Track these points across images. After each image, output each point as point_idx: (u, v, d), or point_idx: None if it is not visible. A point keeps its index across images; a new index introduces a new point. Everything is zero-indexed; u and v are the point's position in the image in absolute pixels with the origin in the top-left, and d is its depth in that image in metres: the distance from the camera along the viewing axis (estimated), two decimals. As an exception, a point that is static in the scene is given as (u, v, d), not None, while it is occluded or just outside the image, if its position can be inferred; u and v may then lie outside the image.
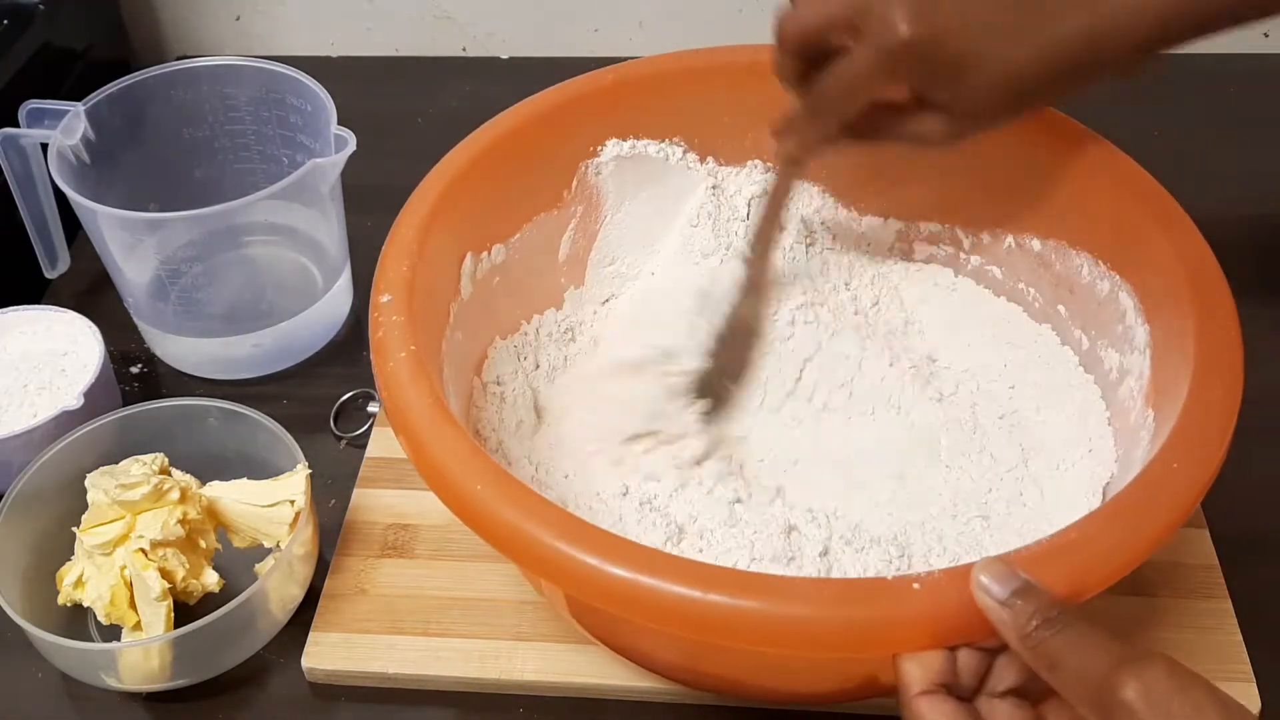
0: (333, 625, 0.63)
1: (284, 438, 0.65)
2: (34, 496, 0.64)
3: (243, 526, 0.64)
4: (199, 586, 0.63)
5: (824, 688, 0.57)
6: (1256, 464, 0.64)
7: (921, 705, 0.44)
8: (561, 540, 0.47)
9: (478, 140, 0.66)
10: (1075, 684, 0.41)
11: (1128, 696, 0.39)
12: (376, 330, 0.56)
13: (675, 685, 0.60)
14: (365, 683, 0.62)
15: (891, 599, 0.45)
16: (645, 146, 0.71)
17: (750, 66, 0.71)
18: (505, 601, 0.64)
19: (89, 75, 0.97)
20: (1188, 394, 0.52)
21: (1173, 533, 0.48)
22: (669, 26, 1.05)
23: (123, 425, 0.67)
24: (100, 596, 0.60)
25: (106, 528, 0.61)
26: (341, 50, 1.09)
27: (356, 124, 0.73)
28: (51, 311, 0.75)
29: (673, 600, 0.45)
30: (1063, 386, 0.66)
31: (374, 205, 0.78)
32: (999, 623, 0.43)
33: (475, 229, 0.66)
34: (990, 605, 0.43)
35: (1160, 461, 0.50)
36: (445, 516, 0.50)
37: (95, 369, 0.71)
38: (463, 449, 0.50)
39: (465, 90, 1.04)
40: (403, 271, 0.58)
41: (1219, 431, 0.51)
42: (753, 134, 0.73)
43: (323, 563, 0.67)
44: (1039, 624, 0.42)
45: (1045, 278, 0.69)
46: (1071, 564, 0.46)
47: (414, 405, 0.52)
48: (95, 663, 0.60)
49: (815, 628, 0.45)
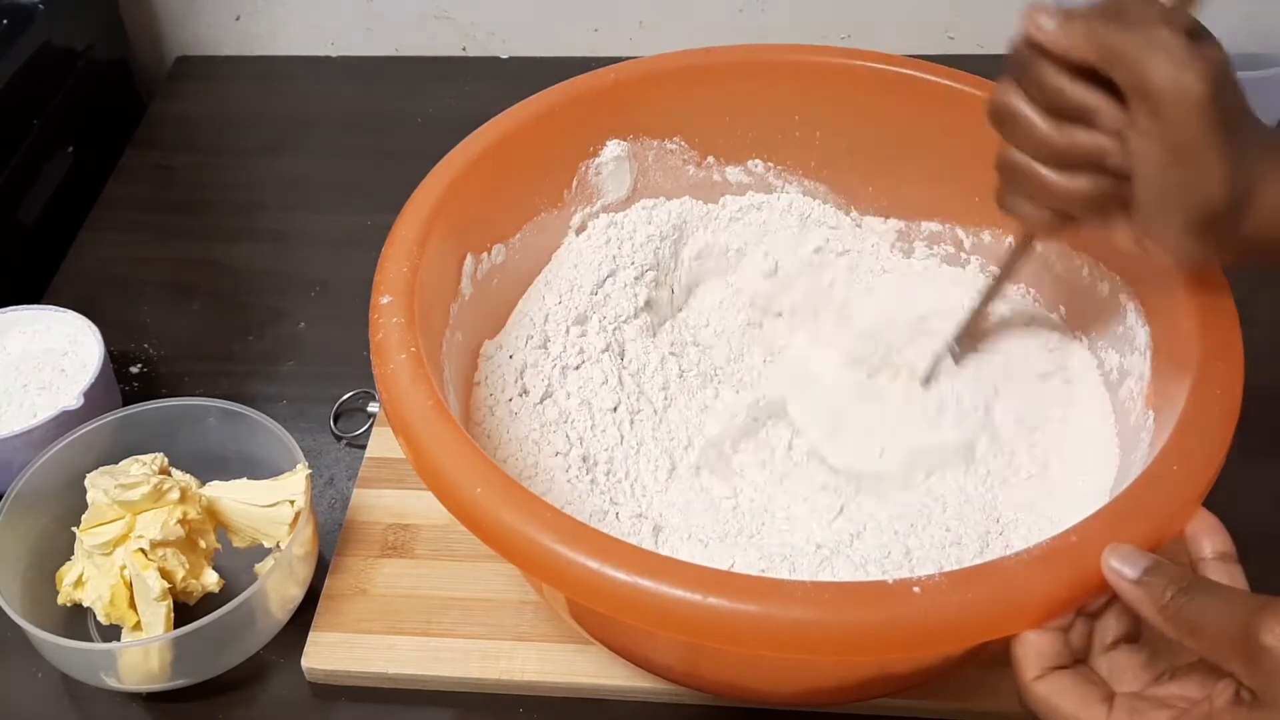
0: (332, 625, 0.63)
1: (284, 438, 0.65)
2: (34, 496, 0.64)
3: (243, 526, 0.64)
4: (199, 586, 0.63)
5: (826, 688, 0.57)
6: (1257, 464, 0.63)
7: (1041, 689, 0.46)
8: (561, 543, 0.47)
9: (478, 140, 0.66)
10: (1217, 642, 0.43)
11: (1268, 641, 0.40)
12: (376, 332, 0.56)
13: (675, 685, 0.60)
14: (365, 683, 0.62)
15: (893, 602, 0.45)
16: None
17: (750, 66, 0.71)
18: (505, 601, 0.64)
19: (89, 75, 0.97)
20: (1188, 395, 0.52)
21: (1174, 535, 0.48)
22: (669, 26, 1.05)
23: (122, 425, 0.67)
24: (100, 596, 0.60)
25: (106, 528, 0.61)
26: (341, 50, 1.09)
27: (356, 124, 0.73)
28: (51, 311, 0.75)
29: (672, 604, 0.45)
30: (1064, 388, 0.66)
31: (374, 205, 0.78)
32: (1136, 600, 0.45)
33: (475, 229, 0.66)
34: (1124, 586, 0.45)
35: (1160, 463, 0.50)
36: (445, 516, 0.50)
37: (95, 369, 0.71)
38: (463, 451, 0.50)
39: (465, 90, 1.04)
40: (403, 272, 0.58)
41: (1219, 433, 0.51)
42: (753, 133, 0.73)
43: (323, 563, 0.67)
44: (1174, 594, 0.44)
45: (1046, 279, 0.69)
46: (1072, 566, 0.46)
47: (414, 408, 0.52)
48: (95, 663, 0.60)
49: (816, 631, 0.45)
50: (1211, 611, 0.43)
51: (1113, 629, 0.48)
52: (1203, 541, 0.48)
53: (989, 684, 0.59)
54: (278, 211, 0.93)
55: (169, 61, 1.09)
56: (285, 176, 0.96)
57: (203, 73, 1.08)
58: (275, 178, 0.96)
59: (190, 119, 1.03)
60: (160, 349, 0.82)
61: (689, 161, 0.74)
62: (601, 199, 0.72)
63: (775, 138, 0.73)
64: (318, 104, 1.03)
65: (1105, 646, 0.48)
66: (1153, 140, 0.47)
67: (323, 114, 1.02)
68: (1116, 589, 0.45)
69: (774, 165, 0.74)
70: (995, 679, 0.58)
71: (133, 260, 0.89)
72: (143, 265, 0.89)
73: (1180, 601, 0.44)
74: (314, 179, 0.95)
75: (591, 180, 0.71)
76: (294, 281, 0.87)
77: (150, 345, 0.82)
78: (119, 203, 0.94)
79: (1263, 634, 0.40)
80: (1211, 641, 0.43)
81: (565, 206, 0.71)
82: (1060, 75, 0.49)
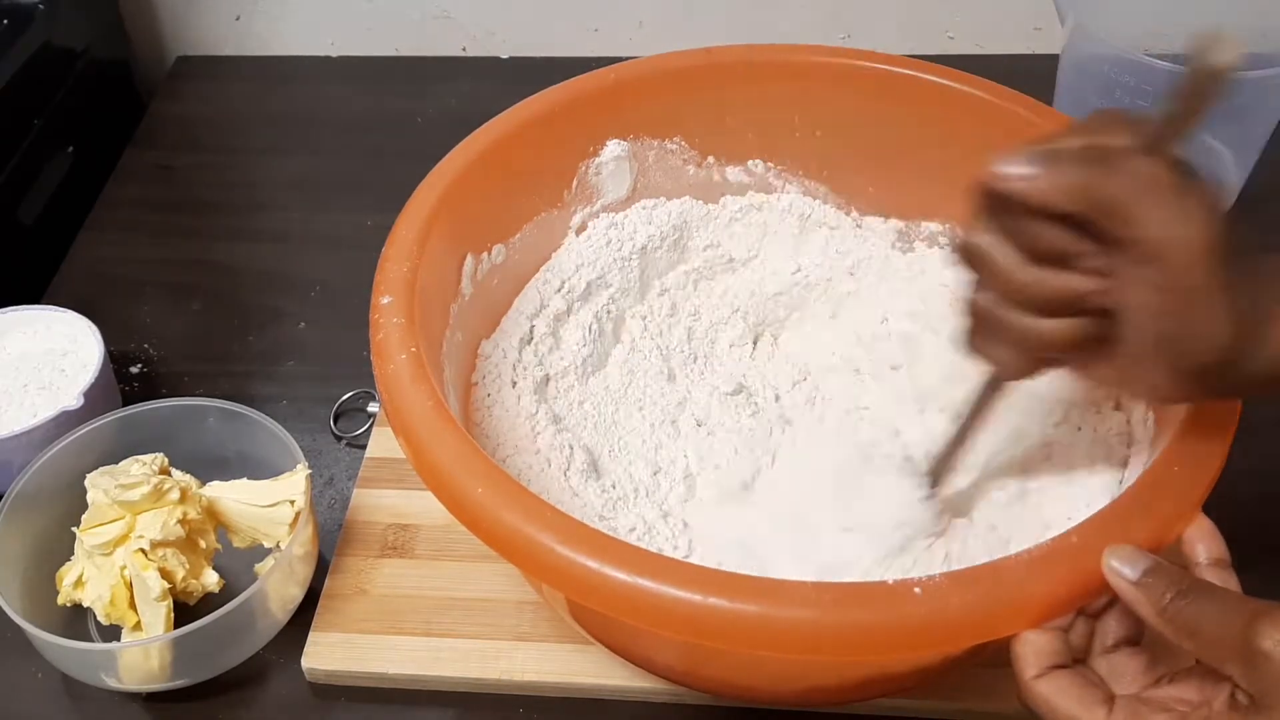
0: (333, 625, 0.63)
1: (284, 438, 0.65)
2: (34, 496, 0.64)
3: (243, 526, 0.64)
4: (199, 586, 0.63)
5: (826, 688, 0.57)
6: (1258, 465, 0.63)
7: (1041, 688, 0.46)
8: (562, 544, 0.47)
9: (478, 140, 0.66)
10: (1215, 646, 0.43)
11: (1266, 646, 0.40)
12: (377, 332, 0.56)
13: (675, 685, 0.60)
14: (365, 683, 0.62)
15: (893, 603, 0.45)
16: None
17: (750, 66, 0.71)
18: (505, 601, 0.64)
19: (89, 75, 0.97)
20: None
21: (1175, 537, 0.48)
22: (669, 26, 1.05)
23: (122, 425, 0.67)
24: (100, 596, 0.60)
25: (106, 528, 0.61)
26: (341, 50, 1.09)
27: (356, 124, 0.73)
28: (51, 311, 0.75)
29: (672, 604, 0.45)
30: (1067, 390, 0.66)
31: (374, 205, 0.78)
32: (1135, 601, 0.45)
33: (475, 229, 0.66)
34: (1124, 587, 0.45)
35: (1161, 465, 0.50)
36: (445, 516, 0.50)
37: (95, 369, 0.71)
38: (464, 452, 0.50)
39: (465, 90, 1.04)
40: (403, 273, 0.58)
41: (1219, 434, 0.51)
42: (753, 133, 0.73)
43: (323, 563, 0.67)
44: (1173, 596, 0.44)
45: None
46: (1072, 567, 0.46)
47: (415, 408, 0.52)
48: (95, 663, 0.60)
49: (816, 631, 0.45)
50: (1210, 615, 0.43)
51: (1114, 630, 0.48)
52: (1198, 547, 0.48)
53: (989, 684, 0.59)
54: (278, 211, 0.93)
55: (169, 61, 1.09)
56: (285, 176, 0.96)
57: (203, 73, 1.08)
58: (275, 178, 0.96)
59: (190, 119, 1.03)
60: (160, 349, 0.82)
61: (689, 161, 0.74)
62: (601, 199, 0.72)
63: (775, 138, 0.73)
64: (318, 104, 1.03)
65: (1106, 648, 0.48)
66: (1149, 288, 0.44)
67: (323, 114, 1.02)
68: (1116, 590, 0.45)
69: (774, 165, 0.74)
70: (995, 679, 0.58)
71: (133, 260, 0.89)
72: (143, 265, 0.89)
73: (1179, 604, 0.44)
74: (314, 179, 0.95)
75: (591, 180, 0.71)
76: (294, 281, 0.87)
77: (150, 345, 0.82)
78: (119, 203, 0.94)
79: (1261, 639, 0.41)
80: (1209, 645, 0.43)
81: (565, 206, 0.71)
82: (1039, 220, 0.45)
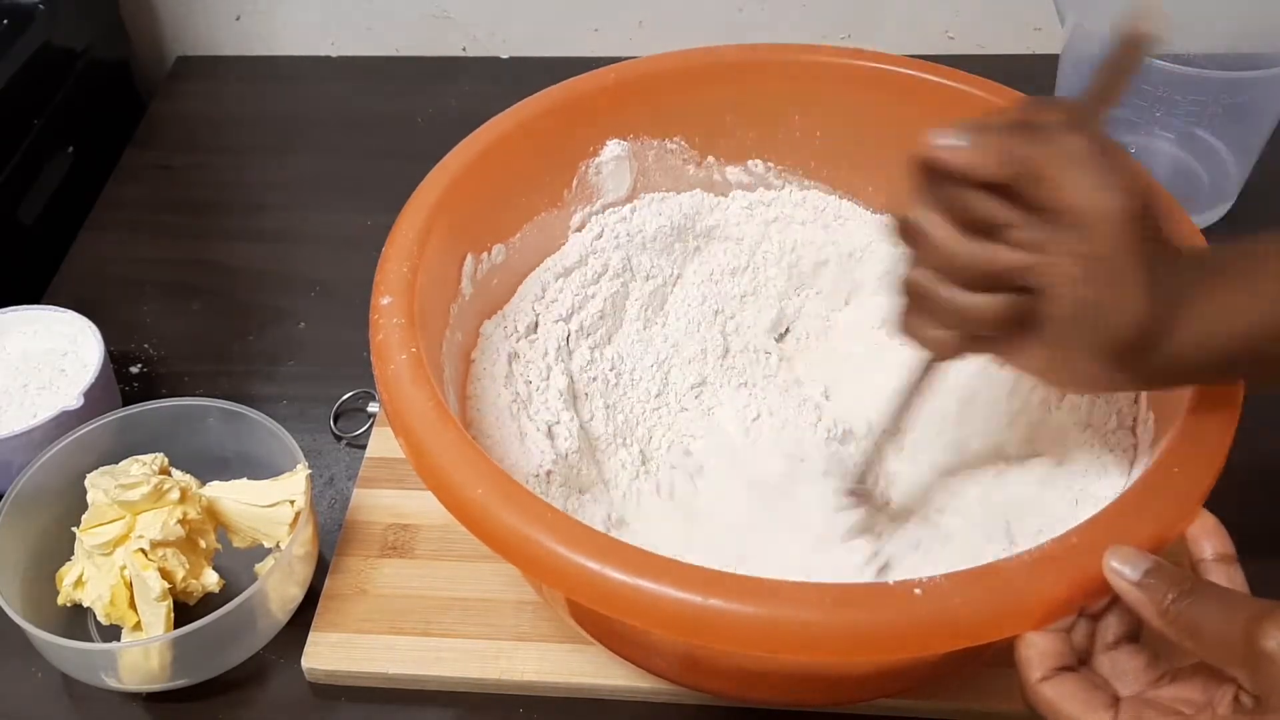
0: (333, 625, 0.63)
1: (284, 438, 0.65)
2: (34, 496, 0.64)
3: (243, 526, 0.64)
4: (199, 586, 0.63)
5: (826, 688, 0.57)
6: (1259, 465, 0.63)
7: (1046, 691, 0.46)
8: (562, 545, 0.47)
9: (478, 140, 0.66)
10: (1217, 646, 0.43)
11: (1269, 646, 0.40)
12: (377, 333, 0.56)
13: (675, 685, 0.60)
14: (365, 683, 0.62)
15: (893, 603, 0.45)
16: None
17: (750, 66, 0.71)
18: (505, 601, 0.64)
19: (89, 75, 0.97)
20: (1189, 396, 0.52)
21: (1176, 537, 0.48)
22: (669, 26, 1.05)
23: (122, 425, 0.67)
24: (100, 596, 0.60)
25: (106, 528, 0.61)
26: (341, 50, 1.09)
27: (356, 124, 0.73)
28: (51, 311, 0.75)
29: (672, 604, 0.45)
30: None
31: (374, 205, 0.78)
32: (1136, 602, 0.45)
33: (475, 229, 0.66)
34: (1125, 587, 0.45)
35: (1162, 465, 0.50)
36: (445, 516, 0.50)
37: (95, 369, 0.71)
38: (463, 452, 0.50)
39: (465, 90, 1.03)
40: (403, 273, 0.58)
41: (1220, 435, 0.51)
42: (753, 133, 0.73)
43: (323, 563, 0.67)
44: (1175, 597, 0.44)
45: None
46: (1073, 567, 0.46)
47: (415, 409, 0.52)
48: (95, 663, 0.60)
49: (816, 632, 0.45)
50: (1212, 615, 0.43)
51: (1114, 627, 0.48)
52: (1203, 543, 0.48)
53: (989, 684, 0.59)
54: (278, 211, 0.93)
55: (169, 61, 1.09)
56: (285, 176, 0.96)
57: (203, 73, 1.08)
58: (275, 178, 0.96)
59: (190, 119, 1.03)
60: (160, 349, 0.82)
61: (689, 161, 0.74)
62: (601, 199, 0.72)
63: (775, 138, 0.73)
64: (318, 104, 1.03)
65: (1107, 645, 0.48)
66: (1070, 256, 0.45)
67: (323, 114, 1.02)
68: (1117, 590, 0.45)
69: (774, 165, 0.74)
70: (995, 679, 0.58)
71: (133, 260, 0.89)
72: (143, 265, 0.89)
73: (1181, 605, 0.44)
74: (314, 179, 0.95)
75: (591, 180, 0.71)
76: (294, 281, 0.87)
77: (150, 345, 0.82)
78: (119, 203, 0.94)
79: (1264, 640, 0.40)
80: (1212, 645, 0.43)
81: (565, 206, 0.71)
82: (971, 191, 0.46)
